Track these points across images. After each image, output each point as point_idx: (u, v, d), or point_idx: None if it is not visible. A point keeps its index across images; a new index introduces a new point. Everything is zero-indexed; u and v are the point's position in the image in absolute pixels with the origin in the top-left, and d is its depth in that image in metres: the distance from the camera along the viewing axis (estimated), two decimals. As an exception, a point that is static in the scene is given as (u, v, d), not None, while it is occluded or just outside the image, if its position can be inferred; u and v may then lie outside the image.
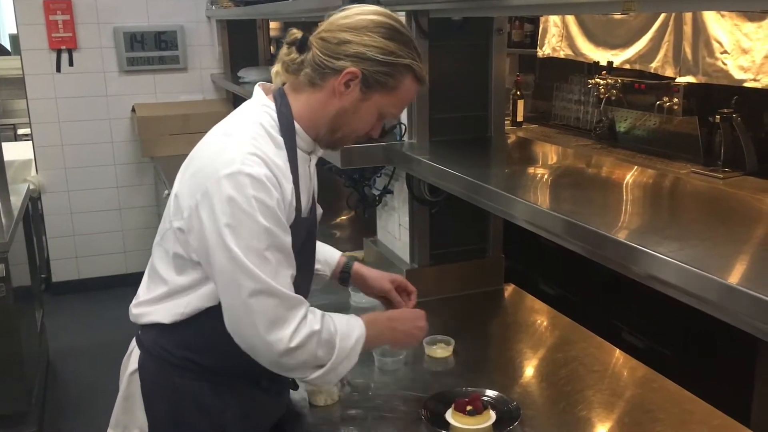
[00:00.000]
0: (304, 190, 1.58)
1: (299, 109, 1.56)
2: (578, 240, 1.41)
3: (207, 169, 1.45)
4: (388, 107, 1.57)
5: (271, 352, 1.44)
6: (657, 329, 2.79)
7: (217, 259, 1.43)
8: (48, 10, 4.94)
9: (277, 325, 1.43)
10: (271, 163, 1.47)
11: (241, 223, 1.41)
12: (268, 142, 1.50)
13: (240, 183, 1.41)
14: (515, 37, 4.06)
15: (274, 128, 1.53)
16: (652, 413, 1.71)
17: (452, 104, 2.36)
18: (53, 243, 5.25)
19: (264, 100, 1.57)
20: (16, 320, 3.24)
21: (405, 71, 1.52)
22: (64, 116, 5.10)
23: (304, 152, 1.60)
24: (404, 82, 1.53)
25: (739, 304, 1.05)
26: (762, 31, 2.55)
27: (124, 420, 1.65)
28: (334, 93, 1.52)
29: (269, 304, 1.42)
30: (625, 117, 3.47)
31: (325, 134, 1.59)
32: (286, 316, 1.44)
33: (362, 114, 1.55)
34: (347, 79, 1.50)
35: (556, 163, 2.19)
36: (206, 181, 1.44)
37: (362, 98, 1.53)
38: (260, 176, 1.42)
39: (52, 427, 3.57)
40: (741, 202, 1.73)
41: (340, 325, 1.53)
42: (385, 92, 1.53)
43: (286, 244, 1.47)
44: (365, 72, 1.49)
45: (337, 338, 1.51)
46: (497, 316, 2.37)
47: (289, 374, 1.56)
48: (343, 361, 1.52)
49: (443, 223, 2.43)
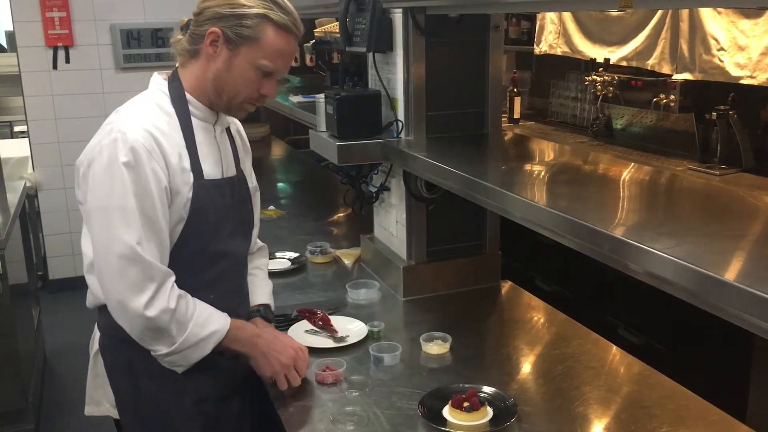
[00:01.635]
0: (206, 155, 1.70)
1: (188, 81, 1.71)
2: (575, 237, 1.41)
3: (92, 143, 1.62)
4: (260, 59, 1.65)
5: (125, 314, 1.57)
6: (653, 325, 2.80)
7: (91, 219, 1.60)
8: (44, 7, 4.93)
9: (134, 290, 1.55)
10: (154, 129, 1.61)
11: (112, 188, 1.55)
12: (157, 113, 1.66)
13: (115, 150, 1.55)
14: (512, 34, 4.06)
15: (165, 101, 1.69)
16: (648, 409, 1.71)
17: (449, 101, 2.36)
18: (50, 240, 5.25)
19: (158, 81, 1.73)
20: (13, 318, 3.23)
21: (262, 21, 1.62)
22: (60, 113, 5.09)
23: (204, 121, 1.73)
24: (265, 31, 1.63)
25: (734, 300, 1.05)
26: (758, 28, 2.55)
27: (97, 396, 1.80)
28: (208, 57, 1.66)
29: (131, 269, 1.55)
30: (621, 114, 3.48)
31: (215, 99, 1.71)
32: (144, 284, 1.56)
33: (237, 71, 1.66)
34: (210, 39, 1.63)
35: (553, 160, 2.19)
36: (91, 152, 1.61)
37: (231, 55, 1.64)
38: (136, 144, 1.56)
39: (49, 425, 3.57)
40: (737, 198, 1.73)
41: (199, 313, 1.63)
42: (250, 45, 1.63)
43: (156, 211, 1.58)
44: (224, 30, 1.62)
45: (190, 323, 1.61)
46: (494, 313, 2.37)
47: (142, 341, 1.62)
48: (192, 347, 1.62)
49: (440, 220, 2.44)
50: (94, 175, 1.58)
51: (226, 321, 1.69)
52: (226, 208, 1.74)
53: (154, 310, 1.56)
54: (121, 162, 1.55)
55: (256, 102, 1.75)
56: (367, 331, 2.13)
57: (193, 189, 1.65)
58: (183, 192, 1.64)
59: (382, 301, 2.40)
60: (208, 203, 1.68)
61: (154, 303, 1.56)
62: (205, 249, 1.71)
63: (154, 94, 1.71)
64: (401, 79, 2.31)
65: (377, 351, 1.98)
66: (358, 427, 1.68)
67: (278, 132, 5.54)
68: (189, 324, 1.61)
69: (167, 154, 1.61)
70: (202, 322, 1.63)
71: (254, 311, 1.91)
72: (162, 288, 1.58)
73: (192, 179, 1.65)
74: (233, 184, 1.79)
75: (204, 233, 1.69)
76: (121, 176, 1.55)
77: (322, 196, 3.97)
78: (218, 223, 1.72)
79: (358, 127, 2.34)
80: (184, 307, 1.61)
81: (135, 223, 1.55)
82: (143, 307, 1.55)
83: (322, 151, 2.49)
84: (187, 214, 1.65)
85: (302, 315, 2.20)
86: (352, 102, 2.34)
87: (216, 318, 1.67)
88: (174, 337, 1.60)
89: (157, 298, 1.56)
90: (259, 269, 2.01)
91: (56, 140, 5.12)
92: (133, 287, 1.55)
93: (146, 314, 1.55)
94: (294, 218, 3.45)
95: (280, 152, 5.18)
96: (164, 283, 1.59)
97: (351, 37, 2.42)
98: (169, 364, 1.65)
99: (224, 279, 1.76)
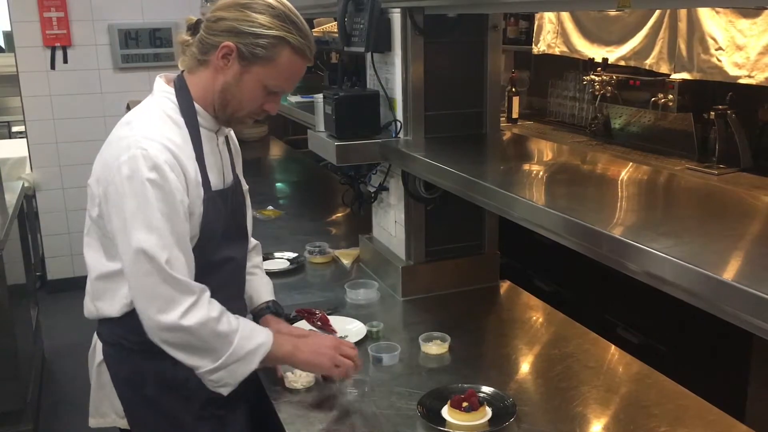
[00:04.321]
0: (212, 166, 1.68)
1: (195, 89, 1.68)
2: (573, 236, 1.41)
3: (109, 159, 1.57)
4: (271, 79, 1.64)
5: (156, 328, 1.55)
6: (651, 325, 2.80)
7: (119, 240, 1.56)
8: (42, 7, 4.92)
9: (167, 307, 1.53)
10: (171, 144, 1.57)
11: (137, 206, 1.52)
12: (168, 124, 1.62)
13: (137, 166, 1.51)
14: (510, 34, 4.06)
15: (174, 111, 1.65)
16: (647, 409, 1.72)
17: (447, 101, 2.36)
18: (48, 241, 5.24)
19: (164, 88, 1.68)
20: (11, 318, 3.23)
21: (279, 43, 1.60)
22: (58, 113, 5.09)
23: (208, 130, 1.71)
24: (281, 54, 1.61)
25: (733, 300, 1.05)
26: (756, 28, 2.55)
27: (102, 408, 1.78)
28: (218, 68, 1.63)
29: (164, 287, 1.52)
30: (620, 113, 3.48)
31: (219, 110, 1.68)
32: (177, 299, 1.54)
33: (245, 87, 1.63)
34: (224, 53, 1.60)
35: (552, 160, 2.19)
36: (109, 170, 1.56)
37: (242, 71, 1.62)
38: (158, 161, 1.53)
39: (47, 425, 3.57)
40: (735, 198, 1.73)
41: (243, 326, 1.61)
42: (264, 65, 1.61)
43: (182, 228, 1.56)
44: (239, 45, 1.59)
45: (236, 336, 1.59)
46: (493, 313, 2.37)
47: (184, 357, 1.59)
48: (239, 362, 1.59)
49: (439, 220, 2.44)
50: (118, 193, 1.54)
51: (269, 334, 1.68)
52: (228, 216, 1.73)
53: (192, 319, 1.53)
54: (146, 178, 1.51)
55: (257, 116, 1.73)
56: (366, 331, 2.13)
57: (204, 201, 1.63)
58: (197, 204, 1.62)
59: (381, 301, 2.40)
60: (215, 215, 1.67)
61: (192, 313, 1.54)
62: (211, 257, 1.69)
63: (162, 103, 1.66)
64: (399, 79, 2.31)
65: (376, 351, 1.98)
66: (358, 428, 1.68)
67: (277, 132, 5.54)
68: (235, 336, 1.58)
69: (186, 168, 1.58)
70: (248, 335, 1.61)
71: (263, 308, 1.91)
72: (200, 300, 1.56)
73: (203, 192, 1.63)
74: (233, 191, 1.78)
75: (212, 243, 1.68)
76: (147, 194, 1.51)
77: (320, 196, 3.97)
78: (223, 231, 1.71)
79: (357, 127, 2.34)
80: (226, 319, 1.59)
81: (164, 241, 1.52)
82: (179, 316, 1.52)
83: (321, 151, 2.49)
84: (200, 227, 1.63)
85: (301, 315, 2.20)
86: (350, 102, 2.34)
87: (260, 331, 1.66)
88: (218, 351, 1.57)
89: (194, 309, 1.54)
90: (257, 267, 2.02)
91: (54, 140, 5.11)
92: (168, 302, 1.53)
93: (182, 323, 1.52)
94: (292, 218, 3.45)
95: (279, 152, 5.18)
96: (201, 296, 1.57)
97: (349, 37, 2.42)
98: (214, 383, 1.61)
99: (227, 284, 1.75)
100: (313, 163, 4.50)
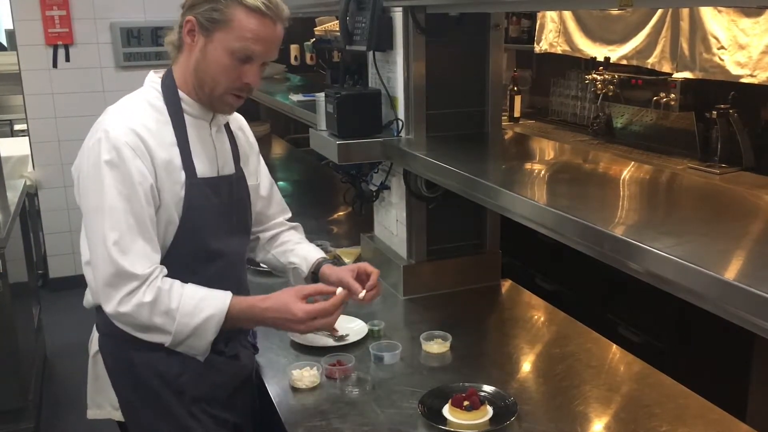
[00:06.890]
0: (199, 153, 1.69)
1: (178, 76, 1.70)
2: (575, 236, 1.41)
3: (84, 144, 1.64)
4: (233, 42, 1.62)
5: (109, 315, 1.58)
6: (653, 324, 2.80)
7: (84, 222, 1.62)
8: (44, 6, 4.92)
9: (111, 289, 1.56)
10: (140, 128, 1.60)
11: (94, 189, 1.57)
12: (146, 110, 1.65)
13: (98, 149, 1.56)
14: (512, 33, 4.06)
15: (158, 98, 1.68)
16: (649, 408, 1.72)
17: (449, 100, 2.36)
18: (50, 239, 5.25)
19: (152, 79, 1.73)
20: (13, 316, 3.23)
21: (232, 3, 1.61)
22: (60, 112, 5.09)
23: (198, 119, 1.71)
24: (236, 14, 1.61)
25: (735, 300, 1.05)
26: (758, 27, 2.55)
27: (98, 399, 1.79)
28: (189, 48, 1.66)
29: (108, 269, 1.55)
30: (622, 113, 3.48)
31: (198, 92, 1.69)
32: (120, 282, 1.56)
33: (212, 58, 1.63)
34: (188, 28, 1.64)
35: (553, 159, 2.19)
36: (81, 155, 1.63)
37: (206, 42, 1.63)
38: (118, 143, 1.56)
39: (49, 424, 3.57)
40: (737, 197, 1.73)
41: (184, 303, 1.60)
42: (223, 29, 1.62)
43: (143, 210, 1.58)
44: (197, 17, 1.62)
45: (177, 314, 1.59)
46: (494, 312, 2.37)
47: (136, 335, 1.61)
48: (192, 337, 1.61)
49: (440, 219, 2.44)
50: (82, 177, 1.60)
51: (224, 303, 1.62)
52: (222, 207, 1.73)
53: (128, 305, 1.55)
54: (104, 160, 1.55)
55: (240, 92, 1.69)
56: (368, 330, 2.13)
57: (186, 187, 1.64)
58: (175, 191, 1.63)
59: (382, 300, 2.40)
60: (202, 202, 1.67)
61: (129, 299, 1.55)
62: (200, 248, 1.69)
63: (147, 91, 1.70)
64: (401, 77, 2.31)
65: (377, 350, 1.98)
66: (359, 426, 1.68)
67: (279, 130, 5.54)
68: (176, 315, 1.59)
69: (153, 152, 1.60)
70: (190, 312, 1.59)
71: (323, 261, 1.94)
72: (142, 285, 1.56)
73: (184, 177, 1.64)
74: (231, 182, 1.77)
75: (199, 232, 1.68)
76: (105, 176, 1.55)
77: (322, 194, 3.97)
78: (214, 222, 1.71)
79: (359, 126, 2.34)
80: (167, 299, 1.58)
81: (117, 223, 1.55)
82: (117, 303, 1.55)
83: (323, 150, 2.49)
84: (180, 213, 1.64)
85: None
86: (352, 101, 2.34)
87: (209, 302, 1.61)
88: (165, 330, 1.59)
89: (132, 295, 1.55)
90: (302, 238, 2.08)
91: (56, 139, 5.11)
92: (108, 287, 1.56)
93: (119, 310, 1.55)
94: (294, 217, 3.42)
95: (281, 151, 5.18)
96: (145, 280, 1.57)
97: (351, 36, 2.42)
98: (184, 353, 1.64)
99: (221, 278, 1.74)
100: (315, 161, 4.50)
